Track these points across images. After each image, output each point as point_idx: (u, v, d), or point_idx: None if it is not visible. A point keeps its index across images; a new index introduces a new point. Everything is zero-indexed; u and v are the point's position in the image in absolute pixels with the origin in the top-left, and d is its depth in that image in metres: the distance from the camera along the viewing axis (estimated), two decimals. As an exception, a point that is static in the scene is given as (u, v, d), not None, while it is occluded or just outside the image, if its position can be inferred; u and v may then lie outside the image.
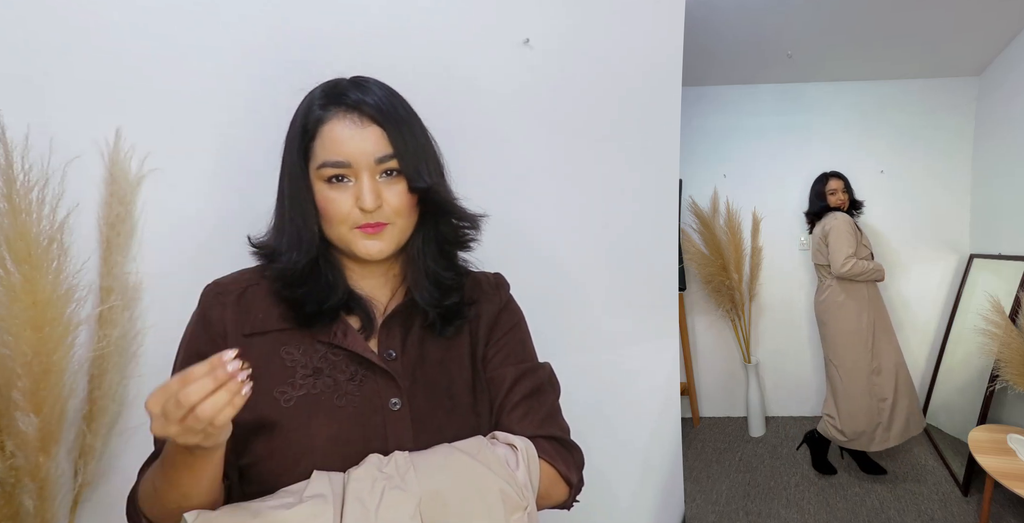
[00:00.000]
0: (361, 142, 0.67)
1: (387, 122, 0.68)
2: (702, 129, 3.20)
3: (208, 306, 0.71)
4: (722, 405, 3.34)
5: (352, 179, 0.67)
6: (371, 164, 0.67)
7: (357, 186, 0.67)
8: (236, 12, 1.09)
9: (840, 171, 2.77)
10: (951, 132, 3.02)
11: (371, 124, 0.67)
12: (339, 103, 0.68)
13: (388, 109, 0.69)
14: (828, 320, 2.59)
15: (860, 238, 2.54)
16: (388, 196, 0.68)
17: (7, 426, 0.96)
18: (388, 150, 0.67)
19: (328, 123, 0.68)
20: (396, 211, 0.69)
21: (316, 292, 0.70)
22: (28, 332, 0.94)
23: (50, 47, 1.01)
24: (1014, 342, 2.00)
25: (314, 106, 0.69)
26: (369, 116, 0.68)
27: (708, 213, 3.11)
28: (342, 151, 0.66)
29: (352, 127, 0.67)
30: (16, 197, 0.95)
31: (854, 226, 2.55)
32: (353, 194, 0.67)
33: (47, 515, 1.00)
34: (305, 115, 0.70)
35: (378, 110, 0.68)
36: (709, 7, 2.38)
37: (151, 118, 1.07)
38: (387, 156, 0.67)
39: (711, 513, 2.35)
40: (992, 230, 2.80)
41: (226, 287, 0.72)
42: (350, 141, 0.66)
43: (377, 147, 0.67)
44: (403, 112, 0.71)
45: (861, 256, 2.52)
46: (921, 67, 2.93)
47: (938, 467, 2.60)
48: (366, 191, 0.66)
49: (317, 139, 0.68)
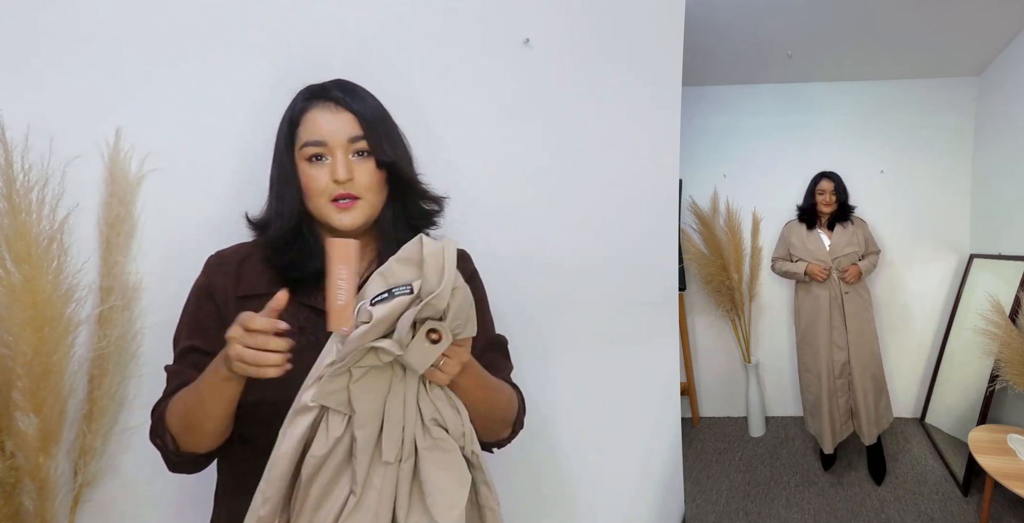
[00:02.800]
0: (336, 124, 0.80)
1: (359, 110, 0.81)
2: (702, 129, 3.20)
3: (210, 273, 0.83)
4: (722, 405, 3.34)
5: (328, 157, 0.80)
6: (344, 143, 0.80)
7: (332, 162, 0.80)
8: (236, 14, 1.09)
9: (837, 172, 2.74)
10: (951, 132, 3.01)
11: (345, 111, 0.81)
12: (320, 97, 0.82)
13: (361, 101, 0.82)
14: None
15: (805, 240, 2.69)
16: (359, 172, 0.80)
17: (7, 426, 0.96)
18: (359, 131, 0.81)
19: (310, 112, 0.81)
20: (366, 187, 0.81)
21: (299, 259, 0.81)
22: (28, 332, 0.94)
23: (50, 47, 1.01)
24: (1014, 342, 2.00)
25: (298, 100, 0.83)
26: (344, 105, 0.81)
27: (708, 213, 3.11)
28: (320, 131, 0.80)
29: (328, 113, 0.81)
30: (16, 197, 0.95)
31: (790, 230, 2.79)
32: (329, 169, 0.80)
33: (47, 515, 1.00)
34: (291, 109, 0.84)
35: (353, 101, 0.81)
36: (709, 7, 2.38)
37: (151, 118, 1.07)
38: (358, 137, 0.80)
39: (711, 513, 2.35)
40: (992, 230, 2.80)
41: (227, 257, 0.85)
42: (326, 124, 0.80)
43: (349, 128, 0.80)
44: (377, 107, 0.84)
45: (781, 255, 2.82)
46: (921, 67, 2.93)
47: (938, 467, 2.60)
48: (339, 165, 0.79)
49: (300, 126, 0.81)
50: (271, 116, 1.11)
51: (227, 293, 0.81)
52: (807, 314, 2.69)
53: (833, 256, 2.62)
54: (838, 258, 2.61)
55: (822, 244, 2.67)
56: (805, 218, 2.74)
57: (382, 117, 0.84)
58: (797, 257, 2.71)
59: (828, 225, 2.70)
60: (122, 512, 1.11)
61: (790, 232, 2.78)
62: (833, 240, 2.65)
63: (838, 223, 2.68)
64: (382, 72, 1.19)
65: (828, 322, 2.59)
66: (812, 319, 2.65)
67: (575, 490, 1.39)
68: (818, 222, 2.72)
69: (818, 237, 2.69)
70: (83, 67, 1.03)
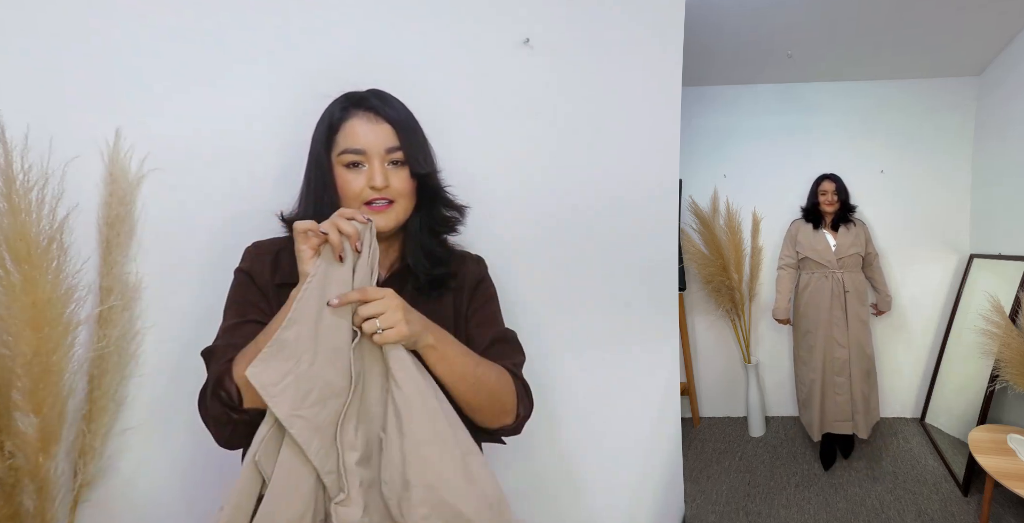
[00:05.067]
0: (374, 134, 0.85)
1: (397, 122, 0.86)
2: (702, 129, 3.20)
3: (250, 261, 0.88)
4: (722, 405, 3.33)
5: (366, 164, 0.85)
6: (381, 153, 0.84)
7: (369, 170, 0.84)
8: (236, 15, 1.09)
9: (838, 174, 2.81)
10: (951, 132, 3.01)
11: (383, 122, 0.85)
12: (359, 106, 0.86)
13: (398, 113, 0.87)
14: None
15: (811, 240, 2.77)
16: (394, 179, 0.85)
17: (7, 426, 0.96)
18: (395, 142, 0.85)
19: (349, 120, 0.85)
20: (399, 192, 0.86)
21: None
22: (28, 332, 0.94)
23: (50, 47, 1.01)
24: (1014, 342, 1.99)
25: (338, 108, 0.87)
26: (383, 116, 0.85)
27: (708, 213, 3.11)
28: (359, 141, 0.84)
29: (368, 123, 0.85)
30: (16, 197, 0.95)
31: (797, 228, 2.85)
32: (366, 176, 0.84)
33: (47, 515, 1.00)
34: (331, 115, 0.87)
35: (390, 112, 0.86)
36: (709, 7, 2.37)
37: (151, 118, 1.07)
38: (395, 147, 0.85)
39: (711, 513, 2.35)
40: (992, 230, 2.80)
41: (265, 247, 0.89)
42: (366, 134, 0.84)
43: (387, 139, 0.85)
44: (411, 119, 0.89)
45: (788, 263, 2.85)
46: (921, 67, 2.93)
47: (938, 467, 2.60)
48: (377, 173, 0.84)
49: (339, 133, 0.85)
50: (271, 116, 1.12)
51: (265, 279, 0.86)
52: (807, 307, 2.76)
53: (838, 256, 2.71)
54: (843, 258, 2.71)
55: (828, 244, 2.76)
56: (811, 218, 2.82)
57: (416, 128, 0.89)
58: (803, 255, 2.79)
59: (832, 226, 2.79)
60: (122, 512, 1.11)
61: (797, 230, 2.85)
62: (838, 240, 2.75)
63: (842, 224, 2.77)
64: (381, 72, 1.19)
65: (829, 318, 2.67)
66: (813, 313, 2.73)
67: (576, 490, 1.39)
68: (823, 222, 2.80)
69: (824, 237, 2.77)
70: (83, 67, 1.03)
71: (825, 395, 2.66)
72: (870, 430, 2.67)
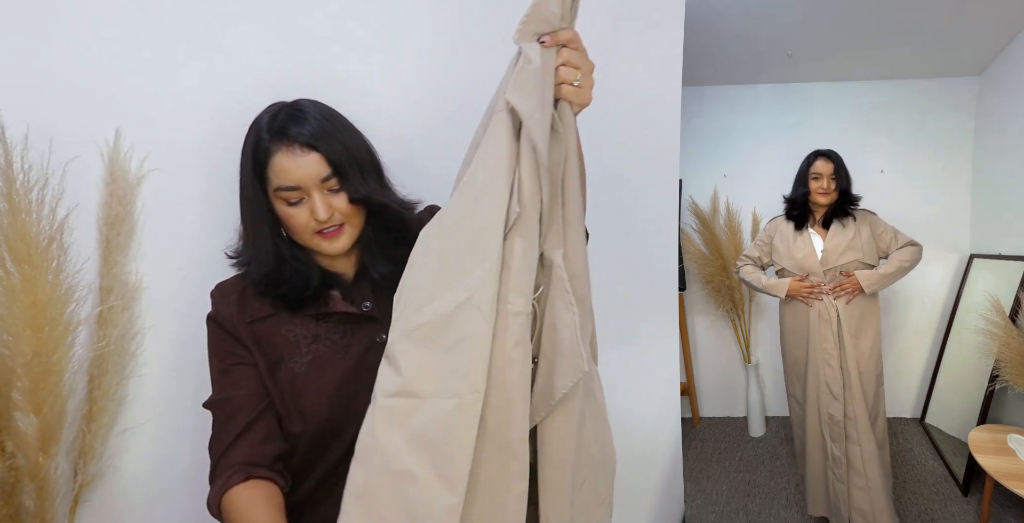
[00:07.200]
0: (305, 168, 0.80)
1: (322, 146, 0.80)
2: (702, 129, 3.20)
3: (216, 305, 0.87)
4: (722, 405, 3.33)
5: (306, 197, 0.81)
6: (317, 184, 0.81)
7: (310, 202, 0.81)
8: (236, 15, 1.09)
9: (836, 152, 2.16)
10: (952, 132, 3.01)
11: (310, 152, 0.80)
12: (282, 136, 0.80)
13: (321, 135, 0.81)
14: None
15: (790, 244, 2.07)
16: (337, 204, 0.83)
17: (7, 426, 0.96)
18: (327, 170, 0.81)
19: (275, 156, 0.80)
20: (346, 215, 0.84)
21: (294, 288, 0.85)
22: (28, 332, 0.94)
23: (50, 47, 1.01)
24: (1014, 342, 1.99)
25: (261, 140, 0.81)
26: (308, 145, 0.80)
27: (708, 213, 3.11)
28: (291, 178, 0.80)
29: (295, 157, 0.80)
30: (16, 197, 0.95)
31: (774, 228, 2.16)
32: (308, 208, 0.82)
33: (47, 515, 1.00)
34: (254, 148, 0.82)
35: (314, 138, 0.80)
36: (709, 7, 2.38)
37: (151, 118, 1.07)
38: (328, 176, 0.81)
39: (711, 513, 2.35)
40: (992, 230, 2.79)
41: (228, 289, 0.87)
42: (296, 170, 0.80)
43: (318, 169, 0.80)
44: (335, 132, 0.83)
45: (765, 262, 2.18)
46: (921, 67, 2.93)
47: (938, 467, 2.60)
48: (318, 205, 0.81)
49: (268, 168, 0.81)
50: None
51: (234, 322, 0.85)
52: (791, 336, 2.09)
53: (825, 267, 1.97)
54: (831, 269, 1.97)
55: (812, 250, 2.00)
56: (794, 214, 2.09)
57: (346, 145, 0.83)
58: (780, 265, 2.09)
59: (823, 223, 2.05)
60: (122, 512, 1.11)
61: (774, 231, 2.15)
62: (827, 243, 2.00)
63: (836, 220, 2.02)
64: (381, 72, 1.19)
65: (818, 354, 1.95)
66: (795, 347, 2.06)
67: (575, 490, 1.39)
68: (810, 219, 2.08)
69: (808, 240, 2.03)
70: (83, 67, 1.03)
71: (818, 459, 2.01)
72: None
